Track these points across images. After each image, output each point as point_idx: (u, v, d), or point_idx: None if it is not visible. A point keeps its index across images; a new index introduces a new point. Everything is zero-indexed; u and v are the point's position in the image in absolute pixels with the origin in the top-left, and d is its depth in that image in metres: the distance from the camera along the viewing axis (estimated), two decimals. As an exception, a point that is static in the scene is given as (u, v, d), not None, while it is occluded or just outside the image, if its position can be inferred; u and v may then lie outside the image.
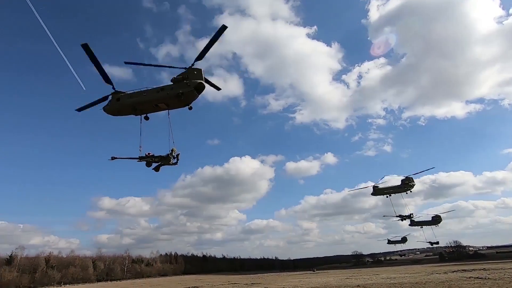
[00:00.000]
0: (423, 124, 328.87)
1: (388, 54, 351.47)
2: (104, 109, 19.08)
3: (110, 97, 19.07)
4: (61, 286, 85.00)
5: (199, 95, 16.85)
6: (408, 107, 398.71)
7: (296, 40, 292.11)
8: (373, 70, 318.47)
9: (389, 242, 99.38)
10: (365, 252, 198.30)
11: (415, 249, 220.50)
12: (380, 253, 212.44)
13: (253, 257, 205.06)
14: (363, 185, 53.00)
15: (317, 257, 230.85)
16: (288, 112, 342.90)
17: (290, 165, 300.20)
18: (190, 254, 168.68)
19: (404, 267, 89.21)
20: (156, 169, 18.90)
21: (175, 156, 18.87)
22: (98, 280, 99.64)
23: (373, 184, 60.50)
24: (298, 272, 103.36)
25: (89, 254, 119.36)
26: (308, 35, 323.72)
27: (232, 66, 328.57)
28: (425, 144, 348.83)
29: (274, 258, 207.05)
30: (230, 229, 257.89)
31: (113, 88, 18.75)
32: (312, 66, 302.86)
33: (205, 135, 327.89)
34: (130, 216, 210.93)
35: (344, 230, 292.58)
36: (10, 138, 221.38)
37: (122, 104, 18.36)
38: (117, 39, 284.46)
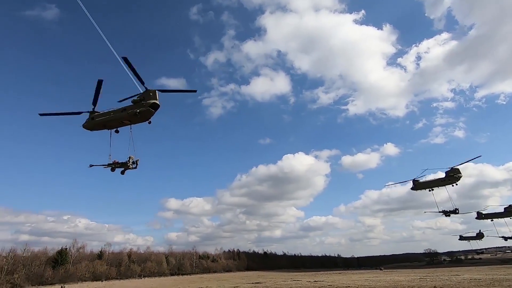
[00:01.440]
0: (504, 102, 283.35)
1: (451, 28, 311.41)
2: (83, 126, 22.71)
3: (88, 116, 22.67)
4: (141, 278, 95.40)
5: (156, 112, 20.27)
6: (483, 85, 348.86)
7: (342, 28, 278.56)
8: (435, 48, 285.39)
9: (462, 238, 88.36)
10: (440, 250, 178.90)
11: (505, 246, 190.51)
12: (459, 251, 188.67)
13: (314, 254, 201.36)
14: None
15: (384, 255, 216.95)
16: (340, 105, 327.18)
17: (346, 159, 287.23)
18: (251, 251, 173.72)
19: (490, 267, 77.82)
20: (122, 172, 22.67)
21: (134, 161, 22.52)
22: (171, 274, 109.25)
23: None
24: (363, 270, 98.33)
25: (162, 250, 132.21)
26: (356, 21, 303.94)
27: (277, 64, 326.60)
28: (508, 126, 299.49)
29: (336, 255, 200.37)
30: (289, 226, 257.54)
31: (93, 109, 22.22)
32: (363, 53, 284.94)
33: (256, 135, 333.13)
34: (194, 216, 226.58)
35: (413, 226, 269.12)
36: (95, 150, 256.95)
37: (95, 122, 21.55)
38: (171, 53, 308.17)
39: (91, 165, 23.55)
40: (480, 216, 69.33)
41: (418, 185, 47.74)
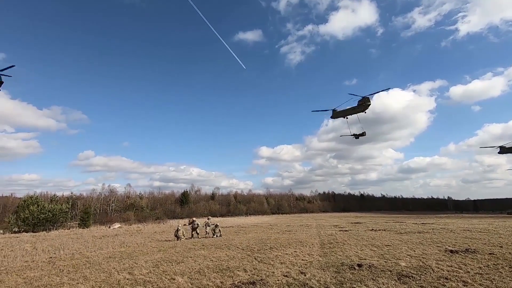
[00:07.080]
0: None
1: None
2: None
3: None
4: (247, 216, 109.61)
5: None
6: None
7: None
8: None
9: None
10: None
11: None
12: None
13: (417, 196, 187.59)
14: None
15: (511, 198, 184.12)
16: (445, 25, 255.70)
17: (456, 90, 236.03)
18: (346, 193, 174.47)
19: None
20: None
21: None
22: (272, 213, 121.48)
23: None
24: (483, 215, 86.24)
25: (262, 192, 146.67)
26: None
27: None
28: None
29: (446, 198, 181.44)
30: (386, 168, 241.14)
31: None
32: None
33: (340, 77, 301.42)
34: (286, 162, 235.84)
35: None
36: (198, 114, 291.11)
37: None
38: (243, 5, 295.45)
39: None
40: None
41: (335, 114, 43.10)
